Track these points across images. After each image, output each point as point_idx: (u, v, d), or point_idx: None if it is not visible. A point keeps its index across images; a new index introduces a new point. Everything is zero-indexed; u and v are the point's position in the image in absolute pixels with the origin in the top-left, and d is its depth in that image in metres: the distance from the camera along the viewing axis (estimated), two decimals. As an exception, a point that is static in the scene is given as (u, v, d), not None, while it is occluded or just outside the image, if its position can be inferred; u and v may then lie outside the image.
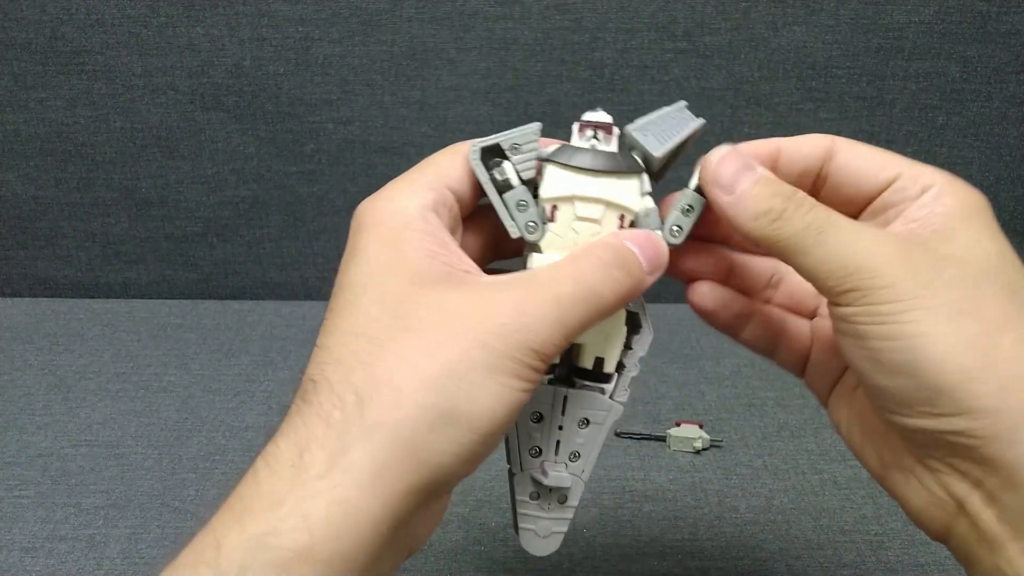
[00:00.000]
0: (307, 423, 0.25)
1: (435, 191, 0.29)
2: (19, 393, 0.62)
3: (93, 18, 0.67)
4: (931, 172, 0.29)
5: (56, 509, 0.50)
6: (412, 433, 0.24)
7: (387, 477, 0.24)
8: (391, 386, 0.25)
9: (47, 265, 0.78)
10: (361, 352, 0.26)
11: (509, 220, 0.30)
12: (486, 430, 0.25)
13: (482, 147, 0.29)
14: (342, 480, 0.23)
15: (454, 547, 0.47)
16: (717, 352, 0.68)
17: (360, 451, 0.24)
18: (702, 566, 0.46)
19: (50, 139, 0.72)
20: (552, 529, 0.34)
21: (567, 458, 0.33)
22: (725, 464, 0.55)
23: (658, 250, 0.29)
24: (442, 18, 0.67)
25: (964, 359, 0.24)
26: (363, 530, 0.23)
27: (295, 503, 0.23)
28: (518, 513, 0.34)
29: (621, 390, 0.32)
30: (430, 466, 0.25)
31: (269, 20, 0.67)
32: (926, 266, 0.26)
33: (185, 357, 0.68)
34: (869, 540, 0.48)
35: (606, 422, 0.32)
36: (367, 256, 0.28)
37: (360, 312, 0.27)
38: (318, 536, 0.23)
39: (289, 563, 0.22)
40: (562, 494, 0.33)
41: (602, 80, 0.69)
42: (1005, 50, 0.68)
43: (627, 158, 0.30)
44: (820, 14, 0.67)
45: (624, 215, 0.30)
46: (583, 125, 0.30)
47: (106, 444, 0.57)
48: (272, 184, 0.74)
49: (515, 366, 0.25)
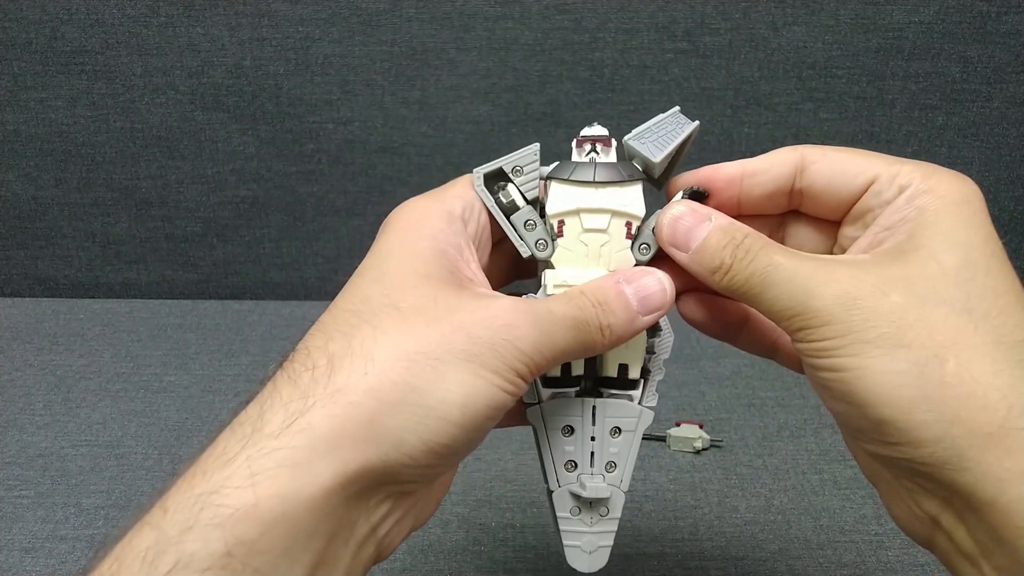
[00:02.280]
0: (276, 385, 0.25)
1: (463, 201, 0.30)
2: (19, 393, 0.62)
3: (93, 18, 0.67)
4: (909, 169, 0.28)
5: (56, 509, 0.50)
6: (376, 405, 0.24)
7: (343, 445, 0.23)
8: (364, 356, 0.25)
9: (47, 265, 0.78)
10: (345, 324, 0.26)
11: (519, 240, 0.31)
12: (454, 419, 0.25)
13: (484, 173, 0.30)
14: (295, 441, 0.23)
15: (454, 547, 0.48)
16: (717, 352, 0.68)
17: (319, 414, 0.23)
18: (702, 566, 0.46)
19: (50, 139, 0.72)
20: (598, 544, 0.33)
21: (603, 469, 0.32)
22: (725, 464, 0.55)
23: (652, 290, 0.29)
24: (442, 18, 0.67)
25: (902, 392, 0.24)
26: (312, 495, 0.23)
27: (244, 461, 0.23)
28: (561, 531, 0.33)
29: (649, 395, 0.32)
30: (390, 443, 0.24)
31: (269, 20, 0.67)
32: (869, 295, 0.25)
33: (185, 357, 0.68)
34: (869, 540, 0.48)
35: (638, 429, 0.32)
36: (380, 246, 0.29)
37: (358, 292, 0.27)
38: (262, 495, 0.22)
39: (232, 521, 0.22)
40: (604, 506, 0.33)
41: (602, 80, 0.69)
42: (1005, 50, 0.68)
43: (627, 167, 0.31)
44: (820, 14, 0.67)
45: (631, 222, 0.30)
46: (581, 140, 0.31)
47: (106, 444, 0.57)
48: (272, 184, 0.74)
49: (496, 361, 0.25)
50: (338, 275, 0.78)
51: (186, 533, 0.22)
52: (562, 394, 0.32)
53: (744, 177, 0.31)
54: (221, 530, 0.22)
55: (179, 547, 0.21)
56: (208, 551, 0.21)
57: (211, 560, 0.21)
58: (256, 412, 0.24)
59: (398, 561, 0.46)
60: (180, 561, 0.21)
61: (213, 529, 0.22)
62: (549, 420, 0.32)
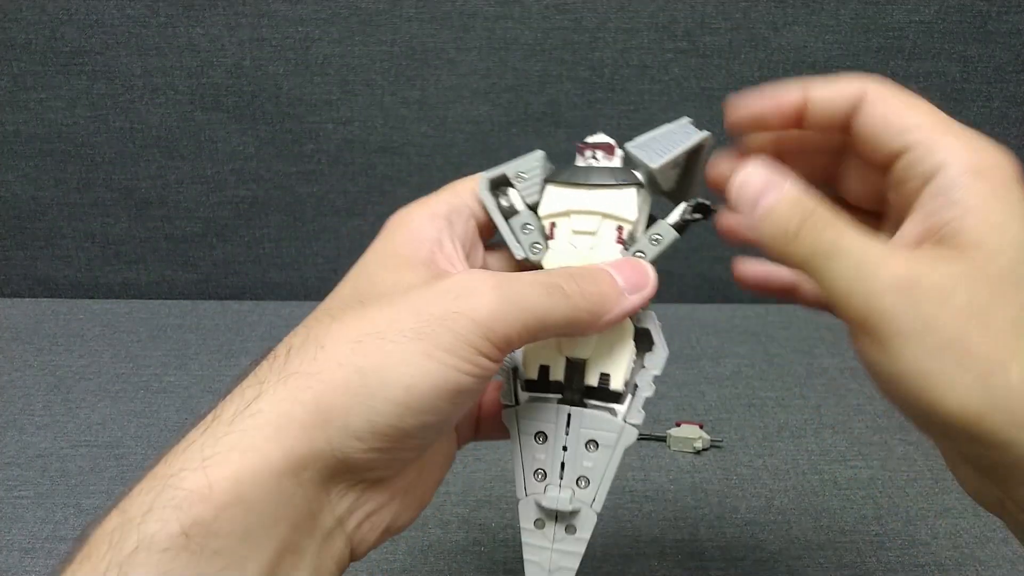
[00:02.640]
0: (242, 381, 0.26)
1: (450, 204, 0.30)
2: (19, 393, 0.62)
3: (93, 18, 0.67)
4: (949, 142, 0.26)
5: (56, 509, 0.50)
6: (322, 387, 0.24)
7: (290, 428, 0.23)
8: (316, 343, 0.25)
9: (47, 265, 0.78)
10: (312, 320, 0.27)
11: (514, 242, 0.31)
12: (399, 399, 0.24)
13: (489, 179, 0.31)
14: (245, 425, 0.24)
15: (454, 547, 0.47)
16: (717, 352, 0.68)
17: (268, 399, 0.24)
18: (702, 566, 0.46)
19: (50, 139, 0.72)
20: (560, 563, 0.31)
21: (574, 483, 0.30)
22: (725, 464, 0.55)
23: (637, 269, 0.29)
24: (442, 18, 0.67)
25: (970, 399, 0.23)
26: (263, 479, 0.23)
27: (199, 447, 0.23)
28: (523, 543, 0.32)
29: (635, 411, 0.30)
30: (334, 426, 0.24)
31: (269, 20, 0.67)
32: (929, 298, 0.24)
33: (185, 357, 0.68)
34: (869, 540, 0.48)
35: (617, 446, 0.30)
36: (367, 252, 0.29)
37: (336, 294, 0.28)
38: (214, 477, 0.23)
39: (188, 503, 0.22)
40: (571, 524, 0.31)
41: (602, 80, 0.69)
42: (1005, 50, 0.68)
43: (624, 173, 0.30)
44: (820, 14, 0.67)
45: (622, 226, 0.30)
46: (582, 147, 0.31)
47: (106, 444, 0.56)
48: (272, 184, 0.74)
49: (447, 337, 0.24)
50: (338, 275, 0.77)
51: (147, 515, 0.22)
52: (541, 399, 0.31)
53: (808, 103, 0.29)
54: (178, 511, 0.22)
55: (140, 528, 0.22)
56: (167, 532, 0.22)
57: (170, 541, 0.22)
58: (220, 404, 0.25)
59: (398, 561, 0.46)
60: (141, 542, 0.22)
61: (171, 511, 0.22)
62: (523, 424, 0.31)
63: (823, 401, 0.61)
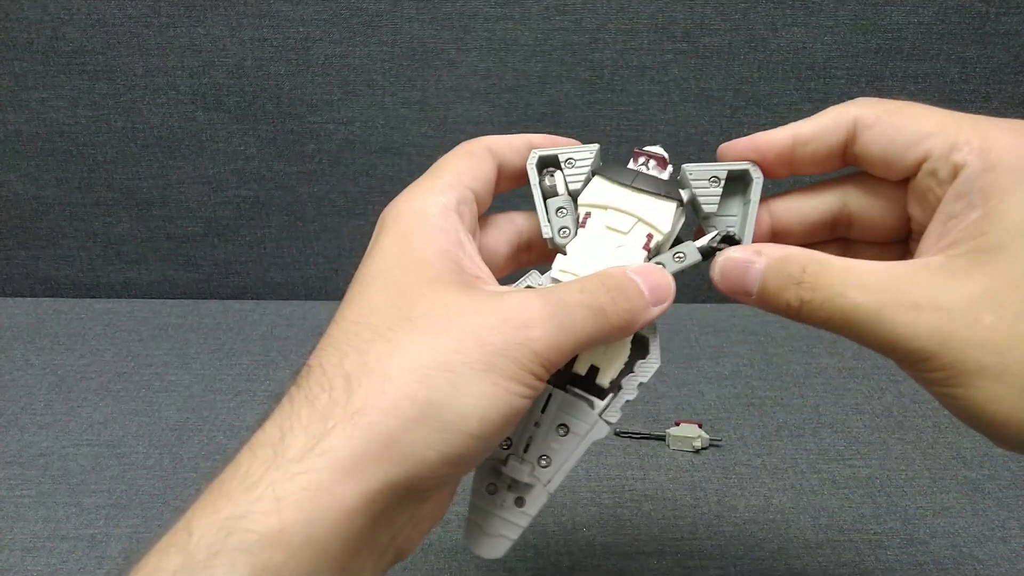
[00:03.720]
0: (294, 406, 0.25)
1: (455, 191, 0.29)
2: (20, 393, 0.63)
3: (94, 18, 0.68)
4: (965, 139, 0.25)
5: (57, 508, 0.50)
6: (396, 423, 0.24)
7: (365, 466, 0.23)
8: (381, 374, 0.24)
9: (48, 265, 0.78)
10: (357, 339, 0.26)
11: (545, 221, 0.32)
12: (474, 431, 0.24)
13: (540, 155, 0.32)
14: (318, 464, 0.23)
15: (454, 547, 0.48)
16: (717, 352, 0.68)
17: (340, 436, 0.23)
18: (701, 565, 0.46)
19: (51, 139, 0.72)
20: (501, 531, 0.32)
21: (536, 460, 0.31)
22: (724, 463, 0.55)
23: (661, 282, 0.29)
24: (442, 19, 0.67)
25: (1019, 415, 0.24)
26: (337, 518, 0.23)
27: (268, 485, 0.23)
28: (471, 504, 0.33)
29: (613, 411, 0.31)
30: (411, 460, 0.24)
31: (270, 20, 0.68)
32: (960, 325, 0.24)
33: (186, 357, 0.68)
34: (868, 539, 0.48)
35: (587, 437, 0.31)
36: (382, 251, 0.28)
37: (365, 302, 0.27)
38: (288, 520, 0.22)
39: (259, 547, 0.22)
40: (520, 496, 0.32)
41: (602, 81, 0.69)
42: (1004, 51, 0.68)
43: (670, 186, 0.31)
44: (819, 15, 0.67)
45: (652, 234, 0.31)
46: (639, 152, 0.32)
47: (107, 444, 0.57)
48: (273, 184, 0.74)
49: (512, 367, 0.25)
50: (338, 275, 0.78)
51: (213, 558, 0.22)
52: None
53: (795, 147, 0.30)
54: (248, 555, 0.22)
55: (206, 572, 0.22)
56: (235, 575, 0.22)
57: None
58: (276, 435, 0.24)
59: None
60: None
61: (240, 554, 0.22)
62: None
63: (822, 400, 0.61)
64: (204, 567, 0.22)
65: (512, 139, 0.32)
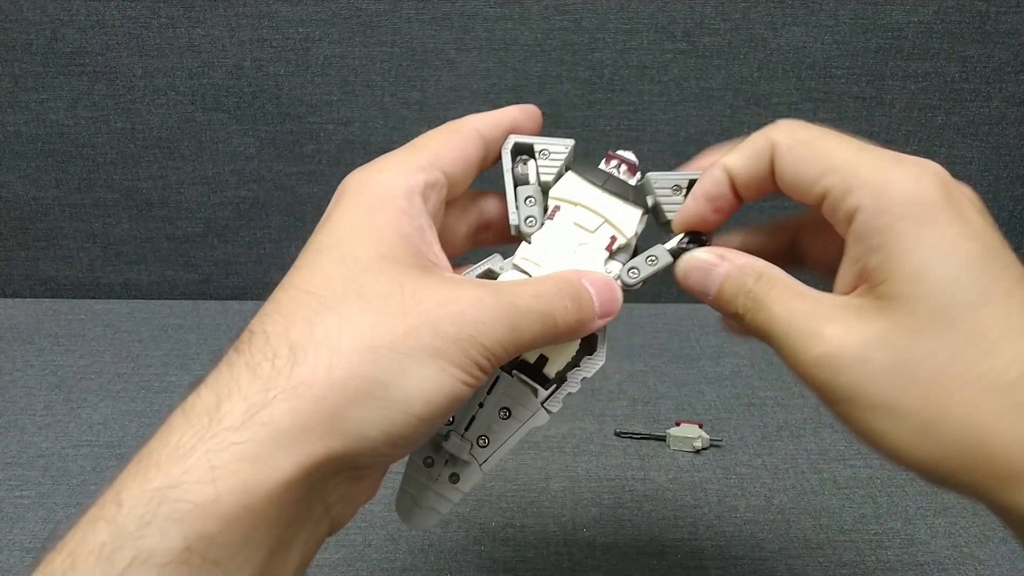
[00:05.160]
0: (233, 372, 0.24)
1: (426, 173, 0.29)
2: (20, 393, 0.63)
3: (94, 19, 0.68)
4: (860, 185, 0.26)
5: (57, 509, 0.50)
6: (339, 399, 0.23)
7: (305, 439, 0.23)
8: (328, 347, 0.24)
9: (48, 266, 0.78)
10: (307, 309, 0.25)
11: (514, 208, 0.32)
12: (418, 413, 0.25)
13: (517, 141, 0.33)
14: (257, 434, 0.23)
15: (454, 547, 0.48)
16: (717, 352, 0.68)
17: (281, 407, 0.23)
18: (701, 565, 0.46)
19: (51, 140, 0.72)
20: (433, 504, 0.33)
21: (475, 439, 0.32)
22: (725, 464, 0.55)
23: (612, 296, 0.30)
24: (442, 19, 0.67)
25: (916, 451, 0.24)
26: (273, 488, 0.22)
27: (203, 454, 0.22)
28: (406, 475, 0.33)
29: (555, 401, 0.32)
30: (353, 436, 0.24)
31: (269, 21, 0.67)
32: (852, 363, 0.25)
33: (186, 357, 0.68)
34: (868, 539, 0.48)
35: (527, 423, 0.32)
36: (340, 219, 0.28)
37: (317, 271, 0.27)
38: (223, 489, 0.22)
39: (192, 516, 0.21)
40: (455, 472, 0.32)
41: (602, 80, 0.69)
42: (1004, 50, 0.68)
43: (638, 193, 0.32)
44: (819, 14, 0.67)
45: (616, 237, 0.32)
46: (611, 155, 0.33)
47: (107, 444, 0.57)
48: (272, 185, 0.74)
49: (461, 356, 0.25)
50: (338, 275, 0.78)
51: (144, 528, 0.21)
52: None
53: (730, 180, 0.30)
54: (180, 525, 0.21)
55: (137, 542, 0.21)
56: (167, 546, 0.21)
57: (171, 555, 0.21)
58: (212, 401, 0.24)
59: (398, 560, 0.46)
60: (138, 557, 0.21)
61: (172, 524, 0.21)
62: None
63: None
64: (135, 537, 0.21)
65: (498, 118, 0.32)
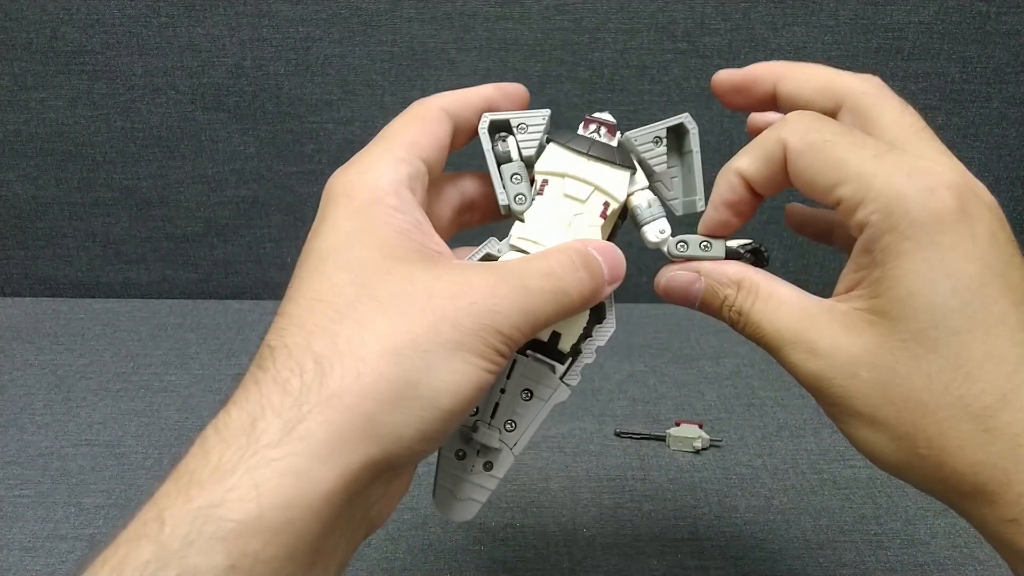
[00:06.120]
0: (262, 390, 0.24)
1: (408, 164, 0.29)
2: (19, 393, 0.63)
3: (93, 18, 0.68)
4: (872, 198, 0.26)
5: (56, 508, 0.50)
6: (372, 405, 0.24)
7: (343, 449, 0.23)
8: (353, 355, 0.24)
9: (47, 265, 0.78)
10: (323, 318, 0.26)
11: (501, 188, 0.32)
12: (448, 407, 0.25)
13: (491, 119, 0.32)
14: (296, 449, 0.23)
15: (455, 547, 0.48)
16: (717, 352, 0.68)
17: (317, 420, 0.23)
18: (702, 565, 0.46)
19: (51, 139, 0.72)
20: (470, 495, 0.33)
21: (502, 424, 0.32)
22: (725, 464, 0.55)
23: (618, 261, 0.30)
24: (442, 18, 0.67)
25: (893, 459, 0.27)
26: (315, 501, 0.23)
27: (245, 472, 0.22)
28: (439, 469, 0.33)
29: (573, 374, 0.32)
30: (389, 440, 0.24)
31: (270, 20, 0.67)
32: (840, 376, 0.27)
33: (185, 357, 0.68)
34: (868, 540, 0.48)
35: (550, 400, 0.32)
36: (336, 225, 0.28)
37: (325, 279, 0.27)
38: (266, 506, 0.22)
39: (236, 534, 0.22)
40: (488, 460, 0.33)
41: (602, 80, 0.69)
42: (1004, 50, 0.68)
43: (623, 154, 0.32)
44: (819, 14, 0.67)
45: (608, 202, 0.31)
46: (589, 120, 0.33)
47: (106, 444, 0.57)
48: (272, 184, 0.74)
49: (481, 346, 0.25)
50: (338, 275, 0.78)
51: (188, 547, 0.21)
52: None
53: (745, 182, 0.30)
54: (224, 543, 0.22)
55: (182, 561, 0.21)
56: (211, 564, 0.21)
57: (215, 573, 0.21)
58: (246, 420, 0.24)
59: (398, 560, 0.46)
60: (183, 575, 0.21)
61: (216, 542, 0.22)
62: None
63: (822, 401, 0.61)
64: (180, 556, 0.21)
65: (467, 96, 0.32)
